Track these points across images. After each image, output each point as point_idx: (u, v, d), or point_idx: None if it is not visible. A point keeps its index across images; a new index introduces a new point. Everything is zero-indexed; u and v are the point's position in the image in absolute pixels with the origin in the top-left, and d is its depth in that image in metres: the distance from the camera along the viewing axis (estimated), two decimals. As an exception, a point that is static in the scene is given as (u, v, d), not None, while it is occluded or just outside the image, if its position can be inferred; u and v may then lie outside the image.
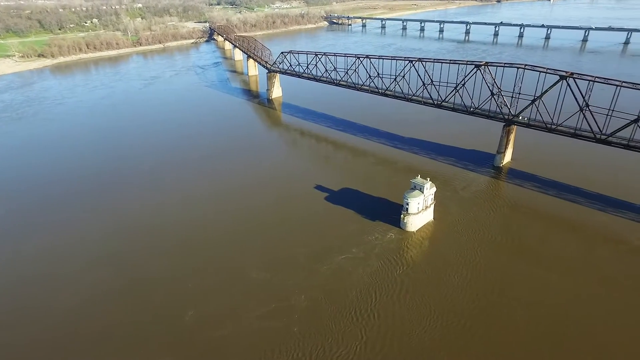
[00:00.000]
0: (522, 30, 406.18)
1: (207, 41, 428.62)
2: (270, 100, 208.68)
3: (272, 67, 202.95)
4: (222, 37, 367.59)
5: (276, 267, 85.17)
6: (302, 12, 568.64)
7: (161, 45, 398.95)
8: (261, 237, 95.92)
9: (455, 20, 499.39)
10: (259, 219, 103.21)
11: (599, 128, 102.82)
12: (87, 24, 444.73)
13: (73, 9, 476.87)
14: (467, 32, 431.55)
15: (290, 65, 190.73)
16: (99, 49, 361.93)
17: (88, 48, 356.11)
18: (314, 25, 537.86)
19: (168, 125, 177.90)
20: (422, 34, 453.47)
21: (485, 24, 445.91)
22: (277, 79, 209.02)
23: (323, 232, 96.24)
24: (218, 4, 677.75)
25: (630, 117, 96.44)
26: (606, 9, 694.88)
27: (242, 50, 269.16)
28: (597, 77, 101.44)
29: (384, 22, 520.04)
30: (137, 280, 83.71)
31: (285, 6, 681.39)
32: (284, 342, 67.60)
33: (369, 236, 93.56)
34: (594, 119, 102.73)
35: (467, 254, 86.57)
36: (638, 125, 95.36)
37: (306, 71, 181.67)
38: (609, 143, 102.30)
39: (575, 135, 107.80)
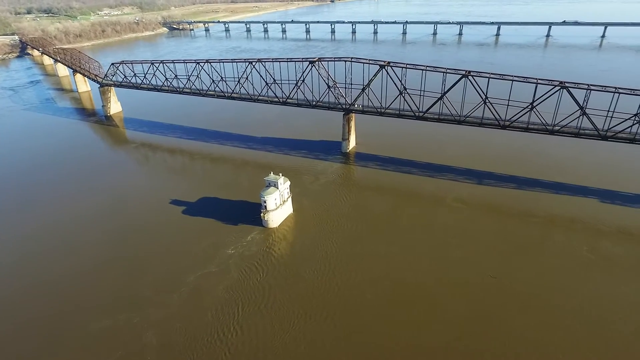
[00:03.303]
0: (354, 27, 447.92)
1: (19, 57, 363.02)
2: (109, 117, 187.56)
3: (103, 81, 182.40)
4: (39, 50, 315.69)
5: (119, 307, 74.59)
6: (136, 18, 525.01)
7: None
8: (98, 275, 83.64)
9: (296, 20, 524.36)
10: (96, 253, 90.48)
11: (416, 107, 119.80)
12: None
13: None
14: (308, 31, 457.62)
15: (125, 76, 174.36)
16: None
17: None
18: (152, 32, 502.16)
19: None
20: (266, 35, 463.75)
21: (322, 22, 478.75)
22: (113, 92, 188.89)
23: (175, 252, 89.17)
24: (28, 13, 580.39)
25: (436, 95, 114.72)
26: (418, 6, 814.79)
27: (65, 65, 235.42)
28: (408, 64, 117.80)
29: (227, 26, 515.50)
30: None
31: (115, 13, 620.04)
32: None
33: (228, 245, 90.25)
34: (412, 99, 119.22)
35: (325, 245, 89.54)
36: (442, 102, 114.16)
37: (144, 81, 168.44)
38: (425, 119, 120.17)
39: (399, 115, 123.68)
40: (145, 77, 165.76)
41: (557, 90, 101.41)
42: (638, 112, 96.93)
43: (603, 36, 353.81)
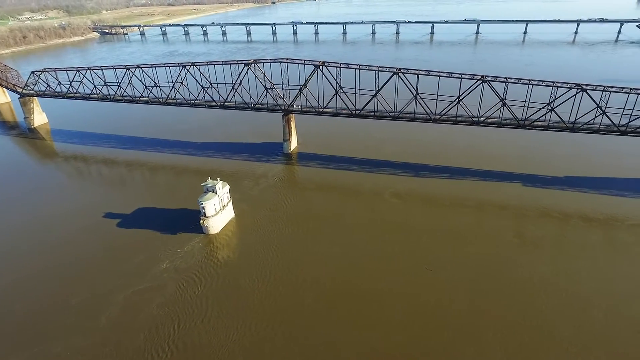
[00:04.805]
0: (295, 28, 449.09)
1: None
2: (33, 130, 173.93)
3: (23, 91, 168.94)
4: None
5: (35, 339, 68.04)
6: (63, 23, 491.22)
7: None
8: (12, 302, 76.21)
9: (236, 22, 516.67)
10: (12, 277, 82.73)
11: (353, 105, 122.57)
12: None
13: None
14: (249, 33, 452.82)
15: (49, 85, 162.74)
16: None
17: None
18: (82, 38, 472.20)
19: None
20: (206, 38, 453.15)
21: (263, 24, 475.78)
22: (37, 103, 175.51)
23: (105, 270, 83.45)
24: None
25: (371, 93, 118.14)
26: (358, 6, 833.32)
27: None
28: (342, 64, 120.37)
29: (164, 29, 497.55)
30: None
31: (38, 17, 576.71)
32: None
33: (165, 257, 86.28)
34: (348, 98, 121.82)
35: (266, 249, 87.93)
36: (377, 99, 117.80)
37: (71, 90, 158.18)
38: (362, 116, 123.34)
39: (337, 114, 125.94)
40: (71, 85, 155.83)
41: (480, 84, 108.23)
42: (550, 102, 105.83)
43: (525, 32, 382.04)
